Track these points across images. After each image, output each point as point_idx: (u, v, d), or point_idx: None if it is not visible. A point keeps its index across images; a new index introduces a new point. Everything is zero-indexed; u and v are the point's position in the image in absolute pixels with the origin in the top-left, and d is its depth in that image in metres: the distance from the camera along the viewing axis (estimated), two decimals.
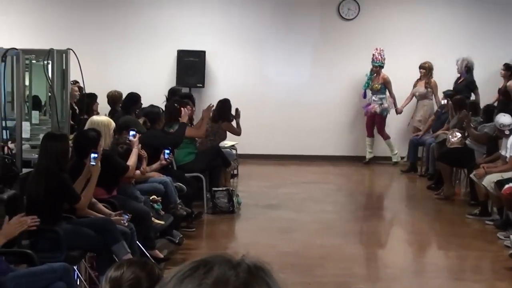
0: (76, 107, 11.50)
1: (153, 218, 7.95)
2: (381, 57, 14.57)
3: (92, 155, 6.89)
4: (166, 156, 8.92)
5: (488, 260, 8.89)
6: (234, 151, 12.99)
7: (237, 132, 11.98)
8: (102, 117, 8.23)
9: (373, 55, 14.59)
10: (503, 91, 13.58)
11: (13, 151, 7.43)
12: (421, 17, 15.44)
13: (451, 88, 14.18)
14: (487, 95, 14.07)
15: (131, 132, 8.31)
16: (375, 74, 14.65)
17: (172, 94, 12.38)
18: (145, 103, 11.92)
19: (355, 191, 13.03)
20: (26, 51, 8.37)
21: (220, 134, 11.56)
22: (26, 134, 8.30)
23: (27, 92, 9.56)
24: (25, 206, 6.48)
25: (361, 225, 10.68)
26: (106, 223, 6.80)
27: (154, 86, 14.35)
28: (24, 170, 7.36)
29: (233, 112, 12.01)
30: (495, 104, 13.47)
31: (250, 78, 15.38)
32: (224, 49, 15.35)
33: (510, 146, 10.03)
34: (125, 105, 11.58)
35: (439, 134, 13.32)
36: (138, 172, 8.26)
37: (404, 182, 13.88)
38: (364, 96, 14.89)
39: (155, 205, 8.32)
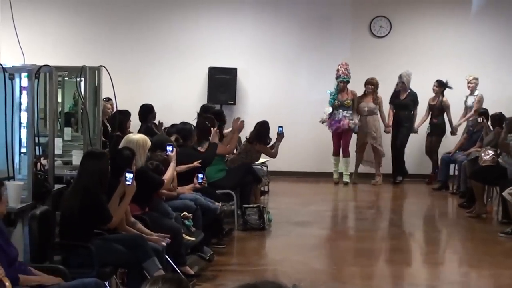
0: (108, 124, 11.54)
1: (184, 235, 7.96)
2: (348, 72, 14.35)
3: (127, 174, 6.88)
4: (200, 180, 8.97)
5: None
6: (265, 168, 13.00)
7: (272, 154, 11.98)
8: (137, 136, 8.23)
9: (339, 70, 14.32)
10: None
11: (46, 167, 7.47)
12: (452, 37, 15.45)
13: (396, 103, 14.64)
14: None
15: (169, 148, 8.48)
16: (342, 90, 14.37)
17: (204, 110, 12.39)
18: (176, 119, 11.95)
19: (385, 208, 12.96)
20: (59, 68, 8.43)
21: (252, 154, 11.52)
22: (58, 150, 8.36)
23: (60, 109, 9.64)
24: (59, 222, 6.51)
25: (391, 243, 10.60)
26: (137, 239, 6.80)
27: (186, 103, 14.48)
28: (56, 186, 7.40)
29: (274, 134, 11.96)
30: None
31: (280, 95, 15.43)
32: (255, 67, 15.43)
33: None
34: (142, 117, 11.82)
35: (471, 152, 13.25)
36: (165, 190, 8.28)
37: (436, 200, 13.78)
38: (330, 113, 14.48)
39: (186, 222, 8.32)
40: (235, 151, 11.60)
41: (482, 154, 11.95)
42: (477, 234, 10.94)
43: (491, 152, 11.84)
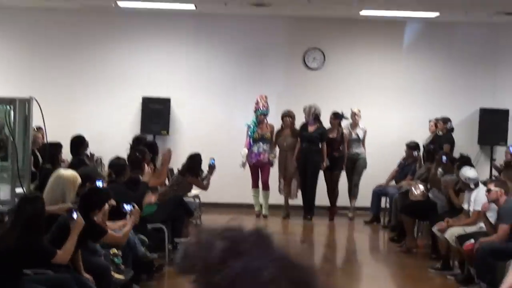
0: (38, 154, 11.35)
1: (113, 273, 7.85)
2: (268, 105, 14.27)
3: (74, 211, 6.96)
4: (127, 209, 8.80)
5: None
6: (197, 200, 12.94)
7: (203, 187, 11.96)
8: (68, 172, 8.15)
9: (259, 103, 14.22)
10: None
11: None
12: (384, 70, 15.68)
13: (304, 135, 14.20)
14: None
15: (98, 183, 8.39)
16: (261, 123, 14.26)
17: (137, 142, 12.30)
18: (109, 149, 11.87)
19: (317, 242, 12.97)
20: None
21: (184, 186, 11.47)
22: None
23: None
24: None
25: (323, 278, 10.57)
26: (65, 280, 6.72)
27: (119, 133, 14.39)
28: None
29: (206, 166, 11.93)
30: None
31: (215, 126, 15.40)
32: (189, 97, 15.40)
33: (474, 200, 10.07)
34: (74, 149, 11.49)
35: (402, 185, 13.38)
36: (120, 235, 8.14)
37: (367, 233, 13.85)
38: (250, 145, 14.35)
39: (116, 259, 8.20)
40: (166, 182, 11.54)
41: (413, 188, 12.08)
42: (407, 269, 11.01)
43: (421, 187, 11.99)
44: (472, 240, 9.43)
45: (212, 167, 11.92)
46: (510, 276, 8.32)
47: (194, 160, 11.63)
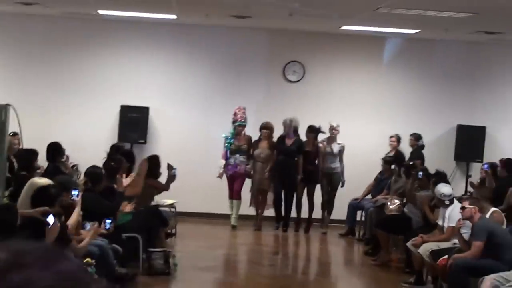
0: (14, 160, 11.29)
1: None
2: (246, 116, 14.30)
3: (48, 218, 6.90)
4: (108, 226, 8.82)
5: None
6: (173, 210, 12.93)
7: (164, 188, 11.85)
8: (42, 180, 8.14)
9: (237, 114, 14.25)
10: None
11: None
12: (364, 84, 15.78)
13: (281, 149, 14.14)
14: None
15: (74, 192, 8.37)
16: (239, 134, 14.29)
17: (114, 150, 12.26)
18: (86, 158, 11.86)
19: (291, 254, 12.98)
20: None
21: (145, 189, 11.30)
22: None
23: None
24: None
25: None
26: None
27: (96, 141, 14.34)
28: None
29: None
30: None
31: (193, 136, 15.40)
32: (168, 107, 15.40)
33: (448, 216, 10.13)
34: (50, 156, 11.39)
35: (378, 199, 13.42)
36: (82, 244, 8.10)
37: (341, 246, 13.88)
38: (226, 156, 14.38)
39: (89, 269, 8.15)
40: None
41: (388, 203, 12.15)
42: (381, 283, 11.08)
43: (397, 201, 12.06)
44: (446, 256, 9.47)
45: (172, 176, 11.86)
46: None
47: (151, 161, 11.53)
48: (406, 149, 14.77)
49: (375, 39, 15.61)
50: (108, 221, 8.83)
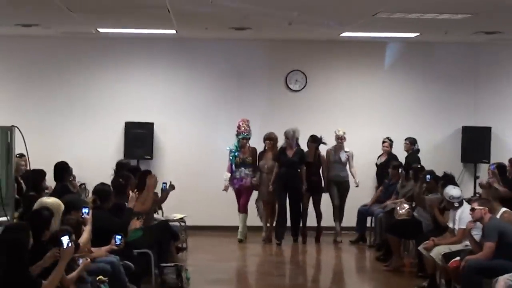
0: (22, 181, 11.31)
1: None
2: (249, 129, 14.22)
3: (63, 238, 6.80)
4: (118, 242, 8.82)
5: None
6: (182, 224, 12.94)
7: (160, 200, 12.01)
8: (51, 199, 8.12)
9: (240, 127, 14.16)
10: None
11: None
12: (366, 91, 15.81)
13: (283, 160, 13.95)
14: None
15: (84, 210, 8.41)
16: (243, 147, 14.18)
17: (120, 167, 12.27)
18: (93, 176, 11.86)
19: (303, 263, 12.95)
20: None
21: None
22: None
23: None
24: None
25: None
26: None
27: (102, 158, 14.43)
28: None
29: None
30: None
31: (198, 150, 15.44)
32: (172, 121, 15.43)
33: (459, 219, 10.10)
34: (57, 175, 11.34)
35: (387, 204, 13.39)
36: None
37: (353, 253, 13.86)
38: (232, 170, 14.26)
39: (102, 286, 8.16)
40: None
41: (398, 208, 12.11)
42: None
43: (406, 206, 12.02)
44: (458, 258, 9.44)
45: (164, 192, 11.88)
46: None
47: (144, 176, 11.41)
48: (402, 153, 14.76)
49: (375, 44, 15.64)
50: (119, 237, 8.84)
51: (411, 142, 14.82)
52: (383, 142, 14.90)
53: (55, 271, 6.75)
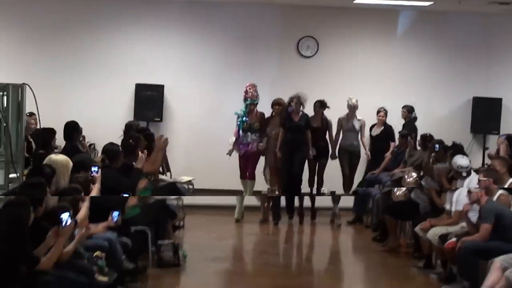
0: (31, 140, 11.40)
1: (96, 275, 7.92)
2: (257, 94, 14.06)
3: (63, 215, 6.89)
4: (115, 218, 8.89)
5: None
6: (191, 187, 12.96)
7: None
8: (59, 156, 8.24)
9: (248, 92, 13.97)
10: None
11: None
12: (379, 58, 15.74)
13: (289, 125, 13.78)
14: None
15: (94, 168, 8.62)
16: (251, 112, 14.03)
17: (128, 129, 12.31)
18: (102, 136, 11.95)
19: (300, 242, 13.05)
20: None
21: None
22: None
23: None
24: None
25: (307, 279, 10.64)
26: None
27: (112, 120, 14.44)
28: None
29: None
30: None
31: (208, 113, 15.43)
32: (182, 84, 15.42)
33: (456, 201, 10.14)
34: (67, 135, 11.38)
35: (395, 172, 13.39)
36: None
37: (350, 233, 13.88)
38: (239, 135, 14.13)
39: (99, 262, 8.25)
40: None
41: (406, 176, 12.09)
42: (389, 268, 11.07)
43: (414, 175, 11.96)
44: (454, 239, 9.50)
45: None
46: (492, 275, 8.45)
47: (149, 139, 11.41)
48: (399, 121, 14.74)
49: (388, 12, 15.51)
50: (116, 213, 8.92)
51: (409, 110, 14.68)
52: (378, 111, 14.66)
53: (54, 248, 6.86)
